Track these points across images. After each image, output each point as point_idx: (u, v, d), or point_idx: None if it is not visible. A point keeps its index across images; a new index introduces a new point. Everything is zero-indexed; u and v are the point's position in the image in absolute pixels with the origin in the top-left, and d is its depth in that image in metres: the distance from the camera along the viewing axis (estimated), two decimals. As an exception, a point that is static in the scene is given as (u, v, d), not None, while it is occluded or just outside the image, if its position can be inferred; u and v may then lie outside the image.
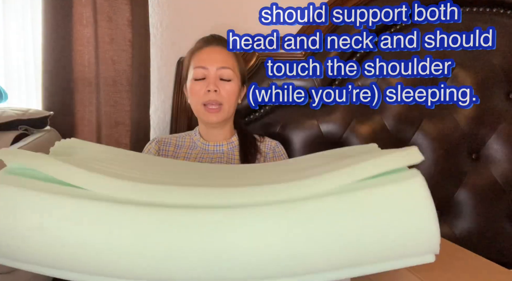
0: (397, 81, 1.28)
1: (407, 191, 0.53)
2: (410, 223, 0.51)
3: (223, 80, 1.02)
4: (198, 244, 0.48)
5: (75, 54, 1.19)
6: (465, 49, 1.18)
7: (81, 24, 1.18)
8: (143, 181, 0.55)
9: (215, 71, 1.01)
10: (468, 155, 1.40)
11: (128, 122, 1.25)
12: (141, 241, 0.48)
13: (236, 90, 1.03)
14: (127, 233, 0.49)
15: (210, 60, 1.02)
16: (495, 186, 1.38)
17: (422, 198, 0.53)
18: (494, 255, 1.35)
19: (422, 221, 0.51)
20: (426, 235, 0.51)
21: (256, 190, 0.52)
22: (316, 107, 1.24)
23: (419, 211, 0.52)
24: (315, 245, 0.49)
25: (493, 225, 1.38)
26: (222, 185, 0.56)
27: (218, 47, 1.05)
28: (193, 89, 1.03)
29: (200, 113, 1.03)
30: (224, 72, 1.01)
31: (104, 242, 0.48)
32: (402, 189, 0.53)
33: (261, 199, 0.51)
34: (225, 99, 1.01)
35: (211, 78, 1.01)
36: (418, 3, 1.19)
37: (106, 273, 0.51)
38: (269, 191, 0.52)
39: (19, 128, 1.06)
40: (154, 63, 1.41)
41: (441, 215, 1.41)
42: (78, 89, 1.20)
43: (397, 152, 0.56)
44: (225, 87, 1.01)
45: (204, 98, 1.01)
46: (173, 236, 0.48)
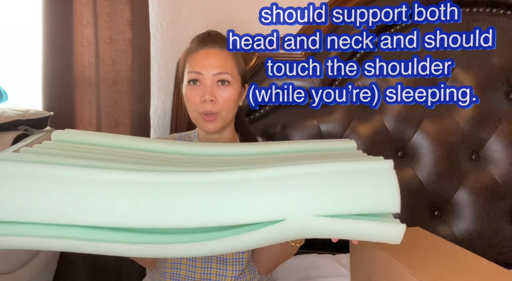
0: (397, 81, 1.28)
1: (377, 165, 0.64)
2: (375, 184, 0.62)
3: (221, 85, 0.92)
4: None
5: (75, 54, 1.19)
6: (465, 49, 1.18)
7: (81, 24, 1.18)
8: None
9: (211, 77, 0.91)
10: (468, 155, 1.40)
11: (128, 122, 1.25)
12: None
13: (235, 94, 0.93)
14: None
15: (205, 65, 0.91)
16: (495, 186, 1.38)
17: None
18: (494, 255, 1.35)
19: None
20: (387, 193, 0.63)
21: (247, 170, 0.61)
22: (316, 107, 1.24)
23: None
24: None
25: (493, 225, 1.38)
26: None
27: (214, 50, 0.93)
28: (188, 95, 0.93)
29: (197, 121, 0.95)
30: (221, 78, 0.91)
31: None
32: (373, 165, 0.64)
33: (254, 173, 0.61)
34: (222, 107, 0.91)
35: (207, 85, 0.91)
36: (418, 3, 1.19)
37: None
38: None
39: (19, 129, 1.06)
40: (154, 63, 1.41)
41: (441, 215, 1.41)
42: (78, 89, 1.20)
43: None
44: (223, 94, 0.91)
45: (200, 108, 0.91)
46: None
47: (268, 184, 0.59)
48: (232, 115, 0.96)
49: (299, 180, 0.60)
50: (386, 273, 0.81)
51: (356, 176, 0.62)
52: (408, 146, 1.41)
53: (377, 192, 0.62)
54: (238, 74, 0.96)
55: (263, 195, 0.59)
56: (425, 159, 1.39)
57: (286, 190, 0.59)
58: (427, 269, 0.74)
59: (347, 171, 0.62)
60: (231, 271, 0.91)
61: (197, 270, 0.92)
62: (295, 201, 0.59)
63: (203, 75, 0.91)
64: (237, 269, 0.92)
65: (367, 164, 0.62)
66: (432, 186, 1.39)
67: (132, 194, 0.58)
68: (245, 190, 0.59)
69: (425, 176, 1.39)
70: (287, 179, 0.60)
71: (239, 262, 0.92)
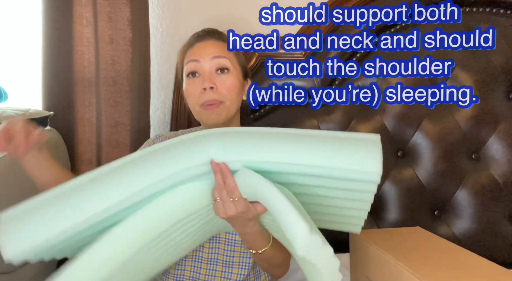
0: (397, 81, 1.28)
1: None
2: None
3: (220, 73, 0.88)
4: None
5: (75, 54, 1.19)
6: (465, 49, 1.18)
7: (81, 24, 1.18)
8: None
9: (209, 62, 0.88)
10: (468, 155, 1.40)
11: (128, 122, 1.25)
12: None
13: (237, 83, 0.90)
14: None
15: (202, 53, 0.89)
16: (495, 186, 1.38)
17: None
18: (494, 255, 1.35)
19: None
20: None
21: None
22: (316, 107, 1.24)
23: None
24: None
25: (493, 225, 1.38)
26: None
27: (211, 41, 0.92)
28: (188, 89, 0.90)
29: (200, 114, 0.90)
30: (219, 62, 0.88)
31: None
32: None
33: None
34: (224, 96, 0.88)
35: (205, 72, 0.88)
36: (418, 3, 1.19)
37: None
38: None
39: (19, 128, 1.06)
40: (154, 63, 1.41)
41: (441, 215, 1.41)
42: (78, 89, 1.20)
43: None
44: (223, 81, 0.88)
45: (201, 99, 0.87)
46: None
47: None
48: (236, 106, 0.92)
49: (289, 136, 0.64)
50: (386, 273, 0.81)
51: (341, 139, 0.63)
52: (408, 146, 1.41)
53: (358, 152, 0.62)
54: (238, 64, 0.93)
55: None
56: (425, 159, 1.39)
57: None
58: (427, 269, 0.74)
59: (333, 136, 0.64)
60: (236, 274, 0.90)
61: (202, 271, 0.90)
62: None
63: (200, 62, 0.88)
64: (242, 273, 0.90)
65: (355, 134, 0.65)
66: (432, 186, 1.39)
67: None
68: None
69: (425, 176, 1.39)
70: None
71: (245, 266, 0.90)
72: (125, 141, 1.23)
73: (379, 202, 1.39)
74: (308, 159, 0.61)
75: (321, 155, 0.61)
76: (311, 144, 0.63)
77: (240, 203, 0.65)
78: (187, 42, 0.96)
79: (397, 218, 1.40)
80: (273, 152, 0.62)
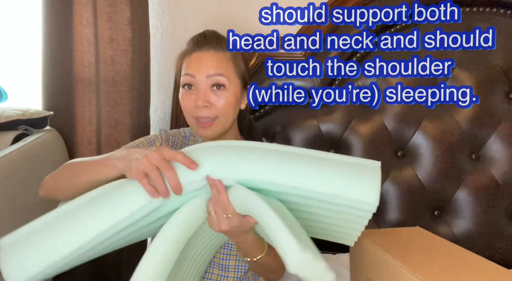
0: (397, 81, 1.28)
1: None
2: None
3: (216, 89, 0.86)
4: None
5: (75, 54, 1.19)
6: (465, 49, 1.18)
7: (81, 24, 1.18)
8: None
9: (205, 80, 0.85)
10: (468, 155, 1.40)
11: (128, 122, 1.25)
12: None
13: (232, 99, 0.87)
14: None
15: (199, 68, 0.86)
16: (495, 186, 1.38)
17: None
18: (494, 255, 1.35)
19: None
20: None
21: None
22: (316, 107, 1.23)
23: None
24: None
25: (493, 225, 1.38)
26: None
27: (209, 52, 0.88)
28: (183, 99, 0.88)
29: (193, 126, 0.89)
30: (215, 79, 0.85)
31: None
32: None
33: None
34: (219, 111, 0.86)
35: (200, 89, 0.85)
36: (418, 3, 1.19)
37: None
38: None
39: (19, 128, 1.06)
40: (154, 63, 1.41)
41: (441, 215, 1.41)
42: (78, 89, 1.20)
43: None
44: (219, 99, 0.85)
45: (195, 113, 0.86)
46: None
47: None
48: (231, 120, 0.90)
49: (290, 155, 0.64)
50: (386, 273, 0.81)
51: (340, 163, 0.62)
52: (408, 146, 1.41)
53: (357, 181, 0.61)
54: (237, 77, 0.90)
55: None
56: (425, 159, 1.39)
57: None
58: (427, 269, 0.74)
59: (332, 159, 0.63)
60: (232, 278, 0.91)
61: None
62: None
63: (196, 78, 0.86)
64: (238, 276, 0.92)
65: (356, 159, 0.63)
66: (432, 186, 1.39)
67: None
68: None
69: (425, 176, 1.39)
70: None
71: (241, 269, 0.92)
72: (125, 141, 1.23)
73: (379, 202, 1.39)
74: (303, 183, 0.61)
75: (317, 181, 0.60)
76: (308, 166, 0.61)
77: (234, 219, 0.66)
78: (186, 48, 0.93)
79: (397, 218, 1.40)
80: (268, 172, 0.62)
